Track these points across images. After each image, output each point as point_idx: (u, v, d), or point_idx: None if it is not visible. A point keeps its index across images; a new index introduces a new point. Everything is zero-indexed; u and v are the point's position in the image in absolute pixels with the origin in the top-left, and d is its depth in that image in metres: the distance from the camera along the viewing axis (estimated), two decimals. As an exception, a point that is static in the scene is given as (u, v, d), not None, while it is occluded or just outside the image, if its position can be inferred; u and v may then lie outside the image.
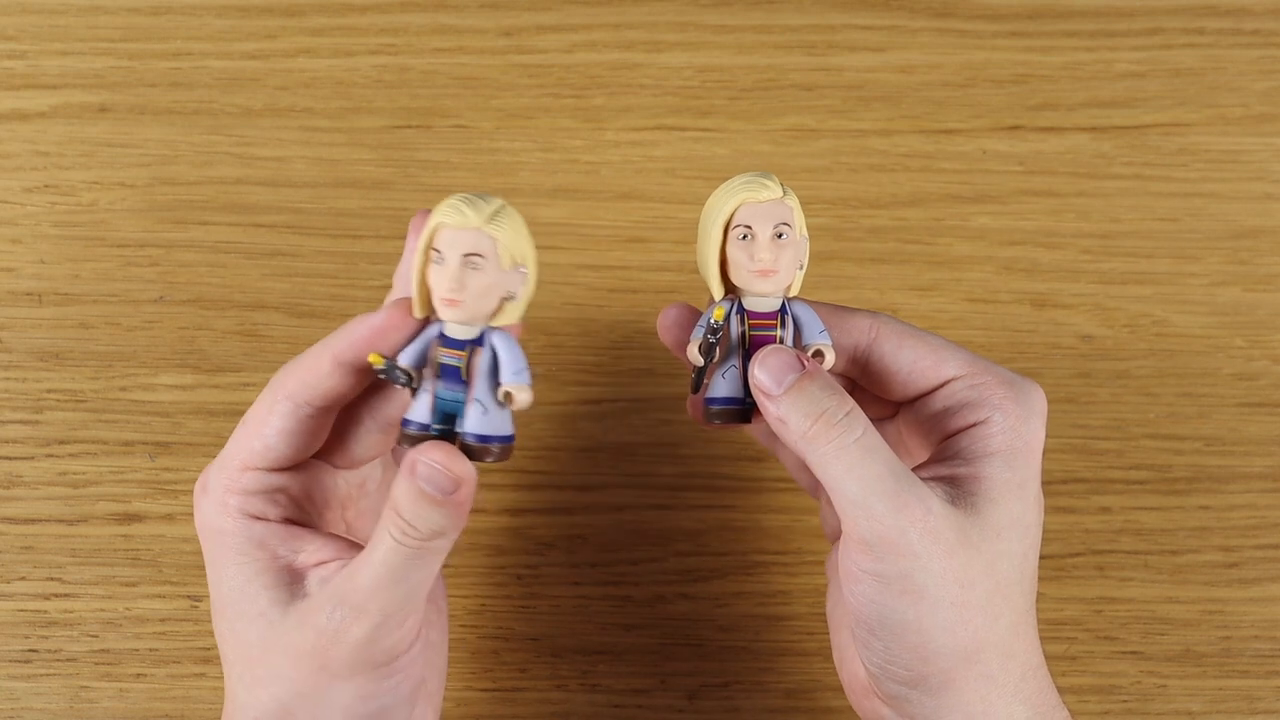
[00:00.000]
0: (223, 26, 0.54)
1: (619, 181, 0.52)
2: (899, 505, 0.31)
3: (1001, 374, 0.34)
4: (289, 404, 0.33)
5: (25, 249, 0.49)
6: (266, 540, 0.33)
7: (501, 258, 0.32)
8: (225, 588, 0.33)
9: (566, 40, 0.54)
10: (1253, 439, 0.48)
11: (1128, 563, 0.46)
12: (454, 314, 0.32)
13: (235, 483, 0.34)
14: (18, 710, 0.43)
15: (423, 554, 0.31)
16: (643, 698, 0.44)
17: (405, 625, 0.32)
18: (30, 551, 0.45)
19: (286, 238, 0.50)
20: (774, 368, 0.32)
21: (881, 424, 0.38)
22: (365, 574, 0.31)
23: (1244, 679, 0.45)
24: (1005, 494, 0.33)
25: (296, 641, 0.32)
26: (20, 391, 0.47)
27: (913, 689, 0.33)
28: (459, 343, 0.32)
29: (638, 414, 0.48)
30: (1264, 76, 0.54)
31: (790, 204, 0.33)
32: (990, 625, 0.32)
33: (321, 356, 0.33)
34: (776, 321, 0.34)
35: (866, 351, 0.35)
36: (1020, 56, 0.54)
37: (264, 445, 0.33)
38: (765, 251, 0.33)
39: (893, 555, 0.31)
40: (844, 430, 0.32)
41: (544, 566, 0.46)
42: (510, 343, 0.32)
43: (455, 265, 0.31)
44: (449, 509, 0.31)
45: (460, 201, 0.32)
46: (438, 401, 0.32)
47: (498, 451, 0.32)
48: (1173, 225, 0.52)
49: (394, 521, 0.31)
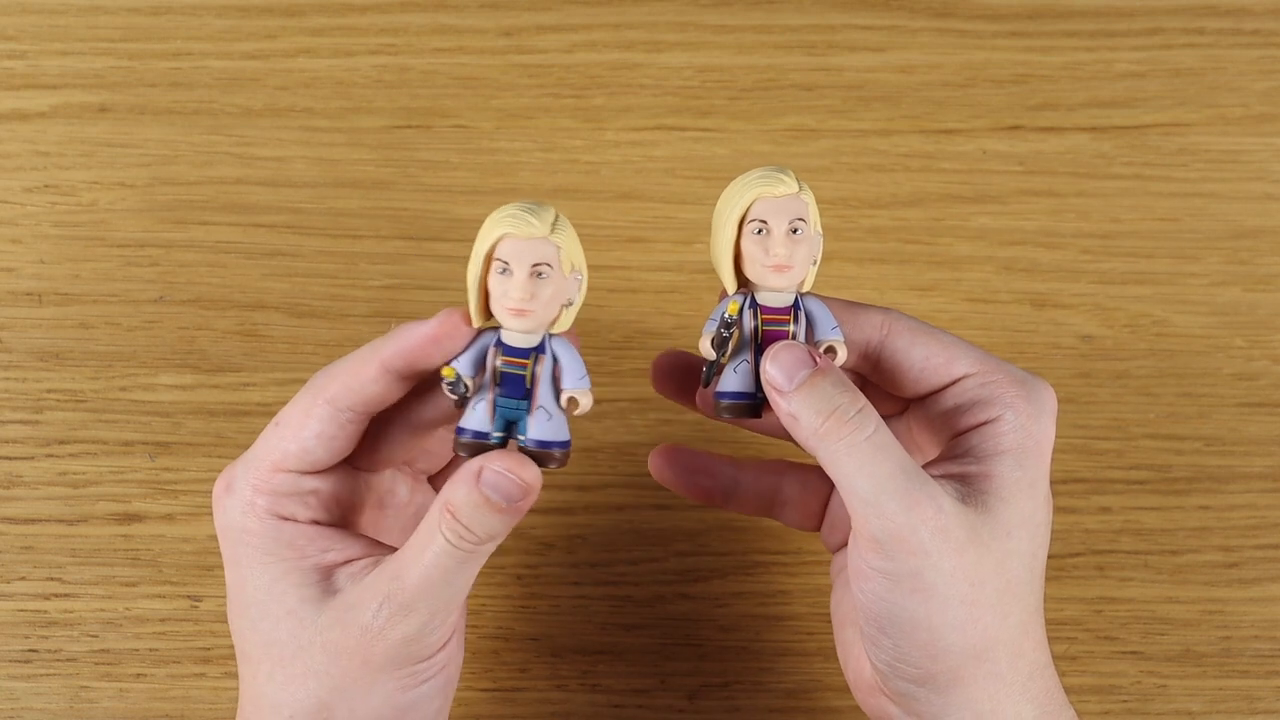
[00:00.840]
0: (223, 26, 0.54)
1: (619, 181, 0.52)
2: (910, 503, 0.31)
3: (1013, 372, 0.34)
4: (329, 409, 0.33)
5: (25, 249, 0.49)
6: (295, 540, 0.33)
7: (563, 265, 0.32)
8: (250, 587, 0.33)
9: (566, 40, 0.54)
10: (1253, 439, 0.48)
11: (1128, 563, 0.46)
12: (522, 324, 0.32)
13: (265, 483, 0.33)
14: (18, 710, 0.43)
15: (474, 557, 0.32)
16: (643, 698, 0.44)
17: (447, 622, 0.33)
18: (30, 551, 0.45)
19: (286, 238, 0.50)
20: (786, 363, 0.32)
21: (891, 420, 0.38)
22: (414, 573, 0.32)
23: (1244, 679, 0.45)
24: (1016, 492, 0.33)
25: (336, 639, 0.32)
26: (20, 391, 0.47)
27: (921, 687, 0.33)
28: (522, 351, 0.32)
29: (638, 414, 0.48)
30: (1264, 76, 0.54)
31: (806, 199, 0.34)
32: (1000, 624, 0.32)
33: (368, 362, 0.33)
34: (789, 317, 0.34)
35: (879, 348, 0.35)
36: (1020, 56, 0.54)
37: (300, 448, 0.33)
38: (780, 246, 0.33)
39: (903, 553, 0.31)
40: (856, 427, 0.32)
41: (544, 566, 0.46)
42: (571, 348, 0.33)
43: (525, 276, 0.31)
44: (510, 515, 0.31)
45: (522, 211, 0.32)
46: (498, 409, 0.32)
47: (560, 457, 0.33)
48: (1173, 225, 0.52)
49: (449, 524, 0.31)
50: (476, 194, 0.51)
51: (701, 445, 0.47)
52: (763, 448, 0.47)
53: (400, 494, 0.39)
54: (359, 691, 0.32)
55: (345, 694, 0.32)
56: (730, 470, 0.39)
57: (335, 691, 0.32)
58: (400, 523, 0.39)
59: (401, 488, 0.38)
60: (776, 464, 0.40)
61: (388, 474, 0.38)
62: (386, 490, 0.38)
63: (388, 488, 0.38)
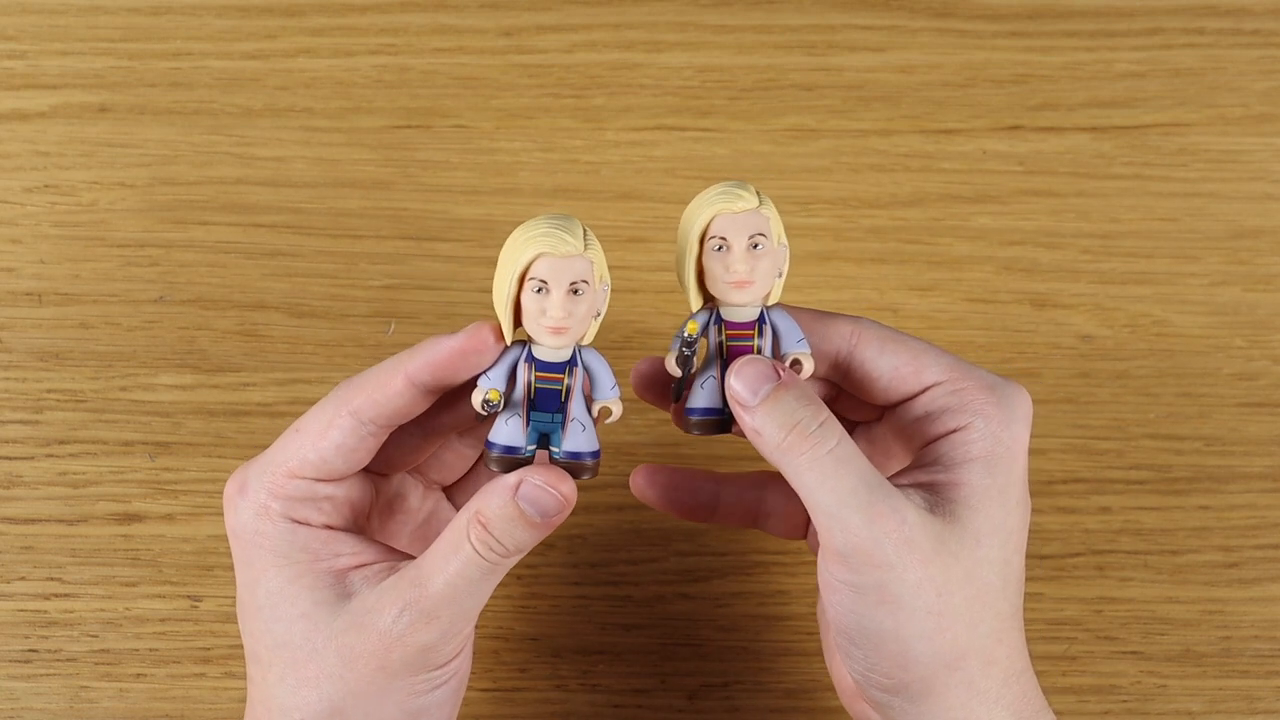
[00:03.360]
0: (223, 26, 0.54)
1: (619, 181, 0.52)
2: (873, 516, 0.31)
3: (984, 378, 0.34)
4: (352, 420, 0.33)
5: (25, 249, 0.49)
6: (309, 544, 0.33)
7: (595, 280, 0.32)
8: (263, 589, 0.33)
9: (566, 40, 0.54)
10: (1253, 439, 0.48)
11: (1128, 563, 0.46)
12: (562, 341, 0.32)
13: (281, 488, 0.33)
14: (18, 710, 0.43)
15: (499, 568, 0.32)
16: (643, 698, 0.44)
17: (464, 632, 0.33)
18: (30, 551, 0.45)
19: (286, 238, 0.50)
20: (749, 378, 0.32)
21: (868, 428, 0.38)
22: (439, 581, 0.32)
23: (1244, 679, 0.45)
24: (985, 500, 0.33)
25: (352, 643, 0.32)
26: (20, 391, 0.47)
27: (895, 696, 0.33)
28: (557, 366, 0.32)
29: (638, 414, 0.48)
30: (1264, 76, 0.54)
31: (766, 213, 0.33)
32: (969, 633, 0.32)
33: (394, 375, 0.33)
34: (754, 331, 0.34)
35: (848, 357, 0.35)
36: (1020, 56, 0.54)
37: (319, 457, 0.33)
38: (740, 263, 0.33)
39: (868, 566, 0.31)
40: (817, 441, 0.32)
41: (544, 566, 0.46)
42: (601, 359, 0.33)
43: (563, 295, 0.31)
44: (541, 530, 0.32)
45: (554, 229, 0.31)
46: (532, 423, 0.33)
47: (591, 467, 0.33)
48: (1173, 225, 0.52)
49: (479, 535, 0.31)
50: (476, 194, 0.51)
51: (701, 444, 0.47)
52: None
53: (410, 499, 0.39)
54: (373, 696, 0.32)
55: (359, 698, 0.32)
56: (711, 485, 0.39)
57: (349, 696, 0.32)
58: (409, 528, 0.39)
59: (412, 493, 0.39)
60: (759, 476, 0.40)
61: (397, 479, 0.38)
62: (396, 494, 0.38)
63: (397, 492, 0.38)
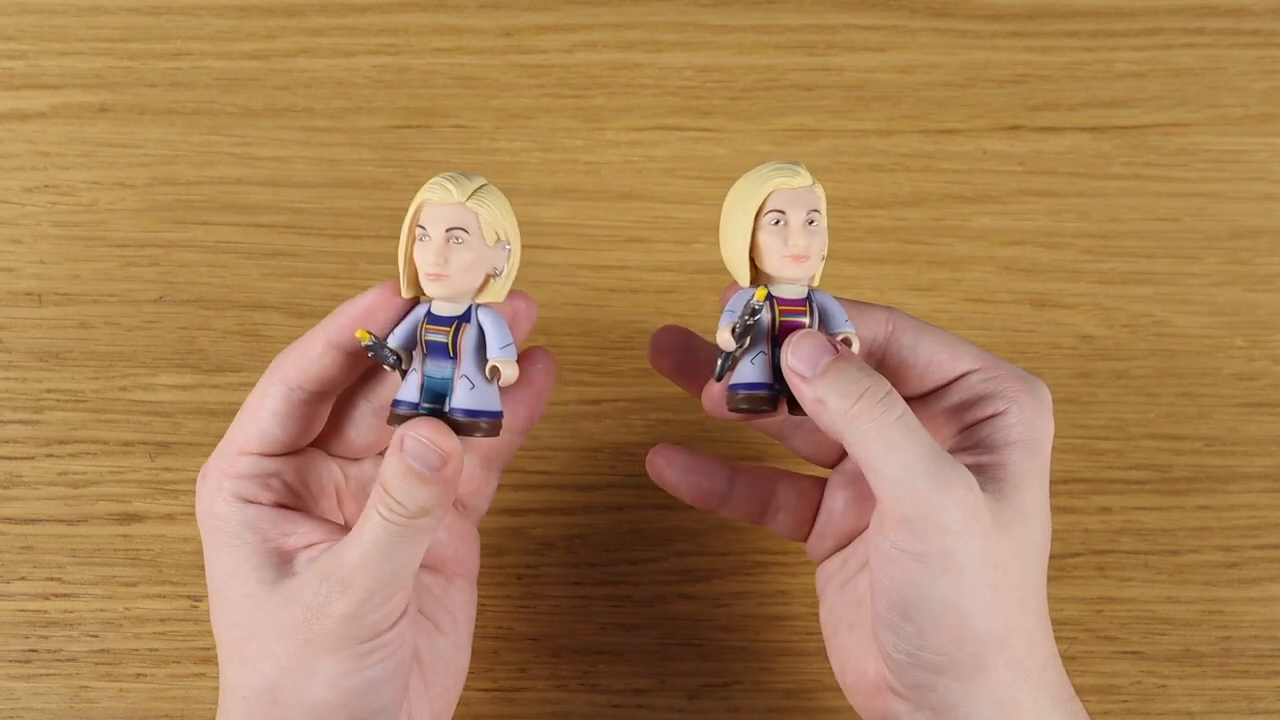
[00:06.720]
0: (223, 26, 0.54)
1: (619, 181, 0.52)
2: (942, 483, 0.31)
3: (1012, 369, 0.35)
4: (282, 388, 0.34)
5: (25, 249, 0.49)
6: (258, 523, 0.34)
7: (485, 233, 0.32)
8: (218, 572, 0.34)
9: (566, 40, 0.54)
10: (1253, 439, 0.48)
11: (1128, 563, 0.46)
12: (438, 289, 0.32)
13: (231, 467, 0.34)
14: (18, 710, 0.43)
15: (409, 532, 0.32)
16: (643, 698, 0.44)
17: (391, 602, 0.32)
18: (30, 551, 0.45)
19: (286, 238, 0.50)
20: (808, 351, 0.33)
21: None
22: (353, 550, 0.32)
23: (1244, 679, 0.45)
24: (1029, 482, 0.33)
25: (284, 618, 0.32)
26: (20, 391, 0.47)
27: (942, 676, 0.33)
28: (445, 319, 0.33)
29: (638, 414, 0.48)
30: (1264, 76, 0.54)
31: (818, 192, 0.34)
32: (1019, 610, 0.33)
33: (315, 340, 0.34)
34: (805, 308, 0.34)
35: (884, 344, 0.36)
36: (1020, 56, 0.54)
37: (258, 430, 0.34)
38: (799, 237, 0.34)
39: (935, 533, 0.31)
40: (885, 409, 0.32)
41: (544, 566, 0.46)
42: (497, 318, 0.33)
43: (439, 240, 0.32)
44: (436, 486, 0.32)
45: (444, 179, 0.32)
46: (426, 380, 0.33)
47: (486, 427, 0.33)
48: (1173, 225, 0.52)
49: (382, 499, 0.32)
50: (476, 194, 0.51)
51: (702, 444, 0.47)
52: (764, 448, 0.47)
53: None
54: (303, 673, 0.32)
55: (290, 674, 0.32)
56: (726, 473, 0.40)
57: (282, 673, 0.32)
58: None
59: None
60: (772, 470, 0.40)
61: (369, 464, 0.38)
62: (369, 480, 0.38)
63: (370, 477, 0.38)
